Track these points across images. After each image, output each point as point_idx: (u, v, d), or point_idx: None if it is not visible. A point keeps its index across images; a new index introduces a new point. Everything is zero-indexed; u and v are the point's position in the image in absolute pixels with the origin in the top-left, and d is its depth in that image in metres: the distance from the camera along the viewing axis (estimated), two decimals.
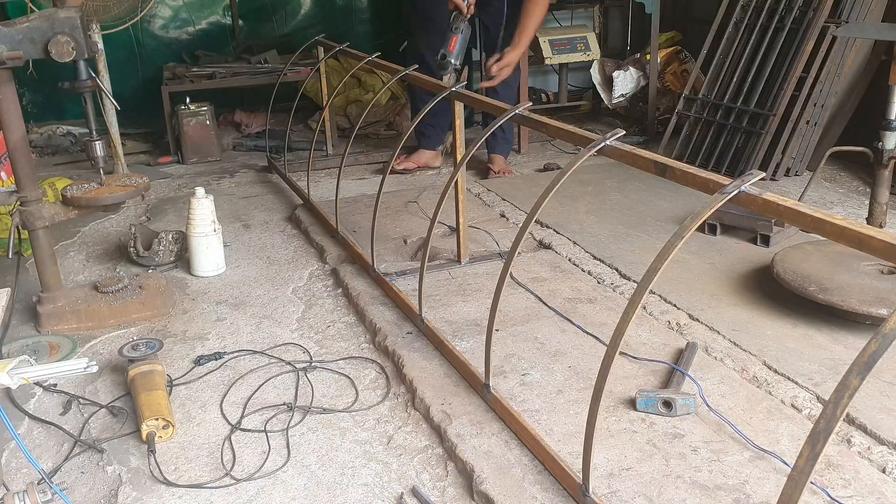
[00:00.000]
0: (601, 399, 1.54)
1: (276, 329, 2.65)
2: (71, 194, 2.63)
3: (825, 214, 1.31)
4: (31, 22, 2.39)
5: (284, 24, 6.19)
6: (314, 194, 3.80)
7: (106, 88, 3.84)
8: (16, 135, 2.51)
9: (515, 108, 2.23)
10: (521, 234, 1.91)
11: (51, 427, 2.14)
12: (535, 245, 3.22)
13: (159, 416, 2.04)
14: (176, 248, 3.18)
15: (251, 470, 1.93)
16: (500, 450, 1.89)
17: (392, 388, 2.26)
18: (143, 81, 5.82)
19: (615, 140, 1.81)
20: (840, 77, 4.02)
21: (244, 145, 5.17)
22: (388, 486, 1.85)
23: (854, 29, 3.64)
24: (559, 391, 2.14)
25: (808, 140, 4.09)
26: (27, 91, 5.55)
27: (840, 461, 1.81)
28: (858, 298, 2.37)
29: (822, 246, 2.67)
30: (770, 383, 2.13)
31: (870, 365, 1.10)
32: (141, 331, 2.67)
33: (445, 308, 2.65)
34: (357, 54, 3.79)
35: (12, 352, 2.50)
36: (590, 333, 2.42)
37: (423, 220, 3.47)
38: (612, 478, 1.78)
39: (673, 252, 1.45)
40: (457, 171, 2.55)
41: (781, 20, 4.11)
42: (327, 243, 3.28)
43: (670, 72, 5.37)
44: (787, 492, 1.17)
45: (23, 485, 1.79)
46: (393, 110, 5.51)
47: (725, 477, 1.77)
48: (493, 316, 1.98)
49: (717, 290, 2.70)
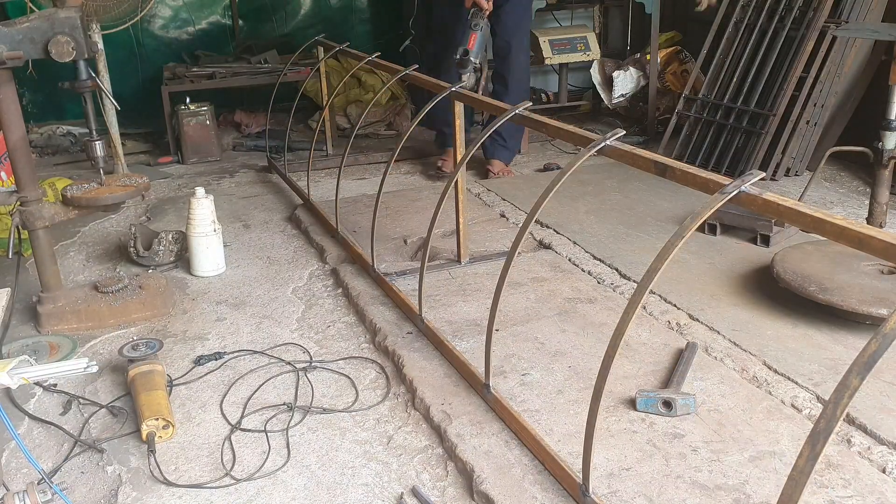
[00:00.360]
0: (601, 399, 1.54)
1: (276, 329, 2.65)
2: (71, 194, 2.63)
3: (825, 214, 1.31)
4: (31, 22, 2.39)
5: (284, 24, 6.20)
6: (314, 194, 3.80)
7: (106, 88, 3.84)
8: (16, 135, 2.51)
9: (515, 108, 2.23)
10: (521, 234, 1.91)
11: (51, 427, 2.14)
12: (535, 245, 3.22)
13: (159, 416, 2.04)
14: (176, 248, 3.18)
15: (251, 470, 1.93)
16: (500, 450, 1.89)
17: (392, 388, 2.26)
18: (143, 81, 5.82)
19: (615, 140, 1.81)
20: (840, 77, 4.02)
21: (244, 145, 5.17)
22: (388, 486, 1.85)
23: (854, 29, 3.64)
24: (559, 391, 2.14)
25: (808, 140, 4.09)
26: (27, 91, 5.55)
27: (840, 461, 1.81)
28: (858, 298, 2.37)
29: (822, 246, 2.67)
30: (770, 383, 2.13)
31: (870, 365, 1.10)
32: (141, 331, 2.67)
33: (445, 308, 2.65)
34: (357, 54, 3.79)
35: (12, 352, 2.50)
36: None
37: (424, 219, 3.47)
38: (612, 478, 1.78)
39: (673, 252, 1.45)
40: (457, 172, 2.55)
41: (781, 20, 4.11)
42: (327, 243, 3.28)
43: (670, 72, 5.37)
44: (787, 492, 1.17)
45: (23, 485, 1.79)
46: (393, 110, 5.51)
47: (725, 477, 1.77)
48: (493, 316, 1.98)
49: (717, 290, 2.70)
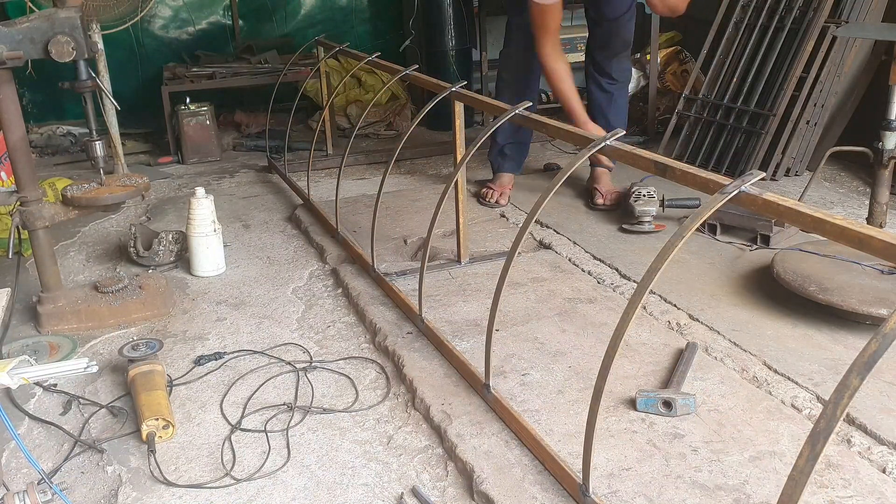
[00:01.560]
0: (601, 399, 1.54)
1: (276, 329, 2.65)
2: (71, 194, 2.63)
3: (825, 214, 1.31)
4: (31, 22, 2.39)
5: (284, 24, 6.20)
6: (314, 194, 3.80)
7: (106, 88, 3.84)
8: (16, 135, 2.51)
9: (515, 108, 2.23)
10: (521, 234, 1.91)
11: (51, 427, 2.14)
12: (535, 245, 3.22)
13: (159, 416, 2.04)
14: (176, 248, 3.18)
15: (251, 470, 1.93)
16: (500, 450, 1.89)
17: (392, 388, 2.26)
18: (143, 81, 5.82)
19: (615, 140, 1.81)
20: (840, 77, 4.02)
21: (244, 145, 5.17)
22: (388, 486, 1.85)
23: (854, 29, 3.63)
24: (559, 391, 2.14)
25: (808, 140, 4.09)
26: (27, 91, 5.55)
27: (840, 461, 1.81)
28: (858, 298, 2.37)
29: (822, 246, 2.67)
30: (770, 383, 2.13)
31: (870, 365, 1.10)
32: (141, 331, 2.67)
33: (445, 308, 2.65)
34: (357, 54, 3.79)
35: (12, 352, 2.50)
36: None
37: (424, 219, 3.47)
38: (612, 478, 1.78)
39: (673, 252, 1.45)
40: (457, 172, 2.55)
41: (781, 20, 4.11)
42: (327, 243, 3.28)
43: (670, 72, 5.37)
44: (787, 492, 1.17)
45: (23, 485, 1.79)
46: (393, 110, 5.51)
47: (725, 477, 1.77)
48: (493, 316, 1.98)
49: (717, 290, 2.70)
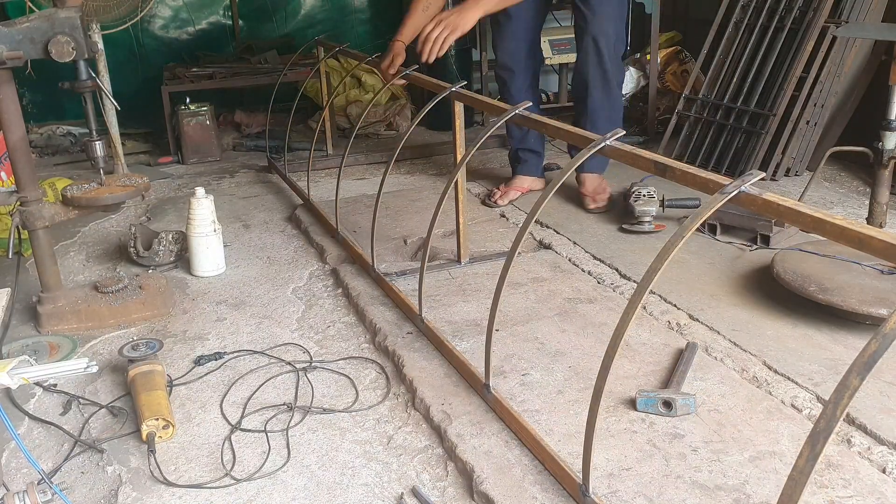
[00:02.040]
0: (601, 399, 1.54)
1: (276, 329, 2.65)
2: (71, 194, 2.63)
3: (825, 214, 1.31)
4: (31, 22, 2.39)
5: (284, 24, 6.20)
6: (314, 194, 3.80)
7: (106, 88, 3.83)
8: (16, 135, 2.51)
9: (515, 108, 2.23)
10: (521, 234, 1.91)
11: (51, 427, 2.14)
12: (535, 245, 3.22)
13: (159, 416, 2.04)
14: (176, 248, 3.18)
15: (251, 470, 1.93)
16: (500, 450, 1.89)
17: (392, 388, 2.26)
18: (143, 81, 5.81)
19: (615, 140, 1.81)
20: (840, 77, 4.02)
21: (244, 145, 5.17)
22: (388, 487, 1.85)
23: (854, 29, 3.63)
24: (559, 391, 2.14)
25: (808, 140, 4.09)
26: (27, 91, 5.55)
27: (840, 461, 1.81)
28: (858, 298, 2.37)
29: (822, 246, 2.67)
30: (770, 383, 2.13)
31: (870, 365, 1.10)
32: (141, 331, 2.67)
33: (445, 308, 2.65)
34: (357, 54, 3.80)
35: (12, 352, 2.50)
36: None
37: (424, 219, 3.47)
38: (612, 478, 1.78)
39: (673, 252, 1.45)
40: (457, 172, 2.55)
41: (781, 20, 4.11)
42: (327, 243, 3.28)
43: (670, 72, 5.36)
44: (787, 492, 1.16)
45: (23, 485, 1.79)
46: (393, 110, 5.51)
47: (725, 477, 1.77)
48: (493, 316, 1.98)
49: (717, 290, 2.70)
